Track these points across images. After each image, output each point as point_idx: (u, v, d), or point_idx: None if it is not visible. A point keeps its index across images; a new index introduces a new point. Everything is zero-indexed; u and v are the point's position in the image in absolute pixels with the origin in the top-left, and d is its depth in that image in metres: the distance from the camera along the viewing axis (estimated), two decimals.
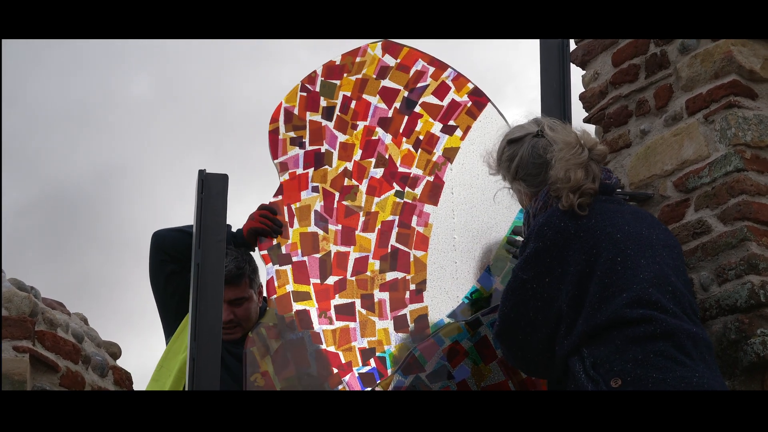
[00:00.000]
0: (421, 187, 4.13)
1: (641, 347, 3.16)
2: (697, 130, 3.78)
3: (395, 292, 4.03)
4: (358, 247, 4.06)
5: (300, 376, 3.92)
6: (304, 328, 3.96)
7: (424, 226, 4.09)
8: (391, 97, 4.17)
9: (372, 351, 3.97)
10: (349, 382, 3.93)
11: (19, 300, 3.25)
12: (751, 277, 3.55)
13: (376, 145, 4.14)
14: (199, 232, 3.80)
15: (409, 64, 4.20)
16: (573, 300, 3.28)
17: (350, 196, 4.09)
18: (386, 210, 4.10)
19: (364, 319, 3.99)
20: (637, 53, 4.01)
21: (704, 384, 3.13)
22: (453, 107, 4.18)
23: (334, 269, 4.02)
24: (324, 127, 4.12)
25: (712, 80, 3.76)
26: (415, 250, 4.08)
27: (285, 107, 4.11)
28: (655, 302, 3.21)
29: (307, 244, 4.02)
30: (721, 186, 3.67)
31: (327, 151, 4.10)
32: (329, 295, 3.99)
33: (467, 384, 3.88)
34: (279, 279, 3.97)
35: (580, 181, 3.39)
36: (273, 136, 4.09)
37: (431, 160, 4.14)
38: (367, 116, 4.15)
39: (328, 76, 4.16)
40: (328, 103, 4.14)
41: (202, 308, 3.73)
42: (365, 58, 4.19)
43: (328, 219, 4.06)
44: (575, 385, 3.23)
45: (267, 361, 3.90)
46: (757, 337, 3.49)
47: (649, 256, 3.30)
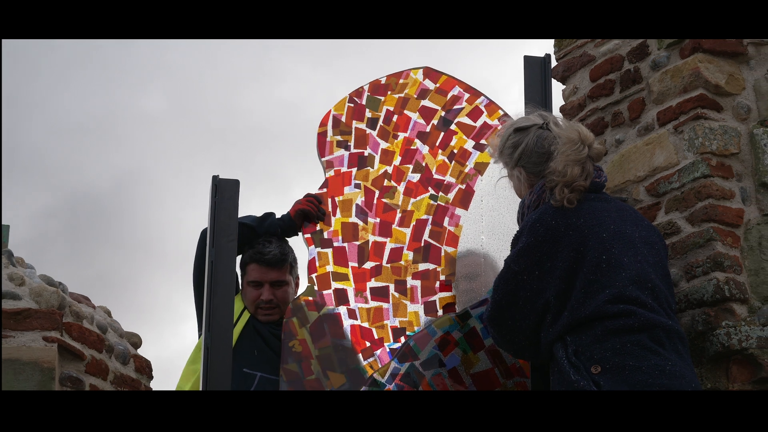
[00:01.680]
0: (453, 192, 4.21)
1: (620, 338, 3.16)
2: (667, 139, 3.77)
3: (426, 281, 4.10)
4: (394, 239, 4.14)
5: (335, 347, 3.97)
6: (340, 304, 4.02)
7: (455, 226, 4.17)
8: (429, 115, 4.27)
9: (402, 330, 4.04)
10: (380, 355, 3.99)
11: (48, 294, 3.23)
12: (716, 273, 3.54)
13: (414, 154, 4.24)
14: (212, 232, 3.81)
15: (447, 89, 4.30)
16: (560, 293, 3.27)
17: (389, 195, 4.17)
18: (421, 210, 4.18)
19: (397, 302, 4.06)
20: (612, 69, 4.01)
21: (676, 372, 3.14)
22: (485, 128, 4.25)
23: (371, 256, 4.10)
24: (368, 135, 4.23)
25: (681, 94, 3.75)
26: (446, 246, 4.16)
27: (334, 114, 4.23)
28: (635, 299, 3.21)
29: (348, 233, 4.11)
30: (689, 191, 3.66)
31: (370, 155, 4.20)
32: (366, 278, 4.08)
33: (457, 371, 3.86)
34: (320, 260, 4.05)
35: (575, 177, 3.38)
36: (321, 138, 4.21)
37: (463, 171, 4.22)
38: (408, 129, 4.26)
39: (374, 92, 4.28)
40: (373, 114, 4.25)
41: (216, 302, 3.73)
42: (408, 81, 4.31)
43: (368, 212, 4.14)
44: (558, 370, 3.23)
45: (305, 330, 3.95)
46: (722, 328, 3.49)
47: (632, 255, 3.28)
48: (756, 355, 3.44)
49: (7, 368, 3.11)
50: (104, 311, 3.56)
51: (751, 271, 3.57)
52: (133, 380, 3.58)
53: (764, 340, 3.45)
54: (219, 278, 3.74)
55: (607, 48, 4.04)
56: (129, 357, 3.55)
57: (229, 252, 3.78)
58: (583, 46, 4.13)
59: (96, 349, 3.36)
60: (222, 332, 3.70)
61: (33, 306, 3.20)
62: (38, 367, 3.14)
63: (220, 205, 3.82)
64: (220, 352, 3.67)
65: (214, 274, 3.74)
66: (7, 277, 3.23)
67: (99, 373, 3.38)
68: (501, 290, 3.38)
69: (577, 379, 3.14)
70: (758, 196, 3.66)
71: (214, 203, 3.82)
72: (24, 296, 3.22)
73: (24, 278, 3.26)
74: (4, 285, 3.21)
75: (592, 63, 4.09)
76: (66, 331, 3.24)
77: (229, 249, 3.78)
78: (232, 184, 3.87)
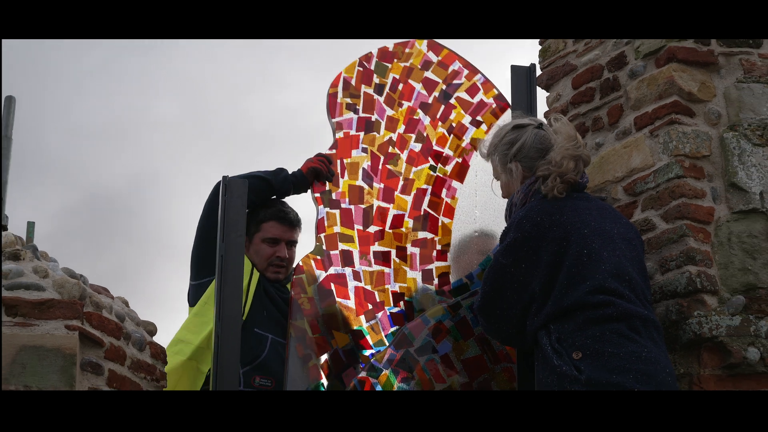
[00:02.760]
0: (451, 165, 4.15)
1: (599, 326, 3.17)
2: (643, 143, 3.77)
3: (424, 249, 4.05)
4: (396, 206, 4.07)
5: (341, 306, 3.91)
6: (346, 266, 3.95)
7: (451, 198, 4.12)
8: (431, 87, 4.20)
9: (401, 295, 3.98)
10: (381, 318, 3.94)
11: (70, 286, 3.22)
12: (689, 267, 3.55)
13: (417, 124, 4.16)
14: (222, 228, 3.78)
15: (448, 63, 4.23)
16: (544, 285, 3.28)
17: (393, 162, 4.11)
18: (421, 179, 4.12)
19: (398, 267, 4.01)
20: (592, 78, 4.01)
21: (651, 357, 3.15)
22: (481, 105, 4.20)
23: (375, 220, 4.03)
24: (375, 100, 4.15)
25: (657, 101, 3.75)
26: (443, 216, 4.10)
27: (344, 76, 4.14)
28: (614, 290, 3.22)
29: (354, 195, 4.03)
30: (664, 190, 3.66)
31: (376, 120, 4.13)
32: (370, 242, 4.00)
33: (449, 357, 3.87)
34: (329, 220, 3.97)
35: (569, 170, 3.40)
36: (332, 99, 4.11)
37: (461, 145, 4.17)
38: (411, 98, 4.18)
39: (381, 59, 4.20)
40: (380, 80, 4.17)
41: (226, 292, 3.70)
42: (413, 51, 4.23)
43: (373, 177, 4.07)
44: (542, 356, 3.24)
45: (313, 288, 3.88)
46: (694, 318, 3.49)
47: (611, 250, 3.29)
48: (725, 342, 3.45)
49: (31, 354, 3.10)
50: (122, 301, 3.56)
51: (721, 264, 3.57)
52: (149, 365, 3.57)
53: (733, 329, 3.46)
54: (229, 271, 3.71)
55: (587, 58, 4.04)
56: (145, 344, 3.54)
57: (237, 246, 3.75)
58: (565, 56, 4.13)
59: (114, 337, 3.35)
60: (232, 322, 3.67)
61: (56, 297, 3.19)
62: (61, 354, 3.13)
63: (230, 203, 3.79)
64: (229, 341, 3.65)
65: (224, 268, 3.71)
66: (32, 270, 3.23)
67: (117, 358, 3.37)
68: (490, 282, 3.40)
69: (560, 364, 3.15)
70: (728, 196, 3.66)
71: (224, 201, 3.80)
72: (48, 288, 3.21)
73: (48, 271, 3.26)
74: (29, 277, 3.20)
75: (574, 72, 4.08)
76: (86, 320, 3.23)
77: (237, 244, 3.75)
78: (240, 183, 3.84)
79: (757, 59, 3.81)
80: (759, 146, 3.71)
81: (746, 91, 3.77)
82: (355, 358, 3.86)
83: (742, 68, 3.80)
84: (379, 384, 3.83)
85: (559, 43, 4.18)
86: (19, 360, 3.08)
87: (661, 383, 3.12)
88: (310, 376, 3.78)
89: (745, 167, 3.67)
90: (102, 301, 3.33)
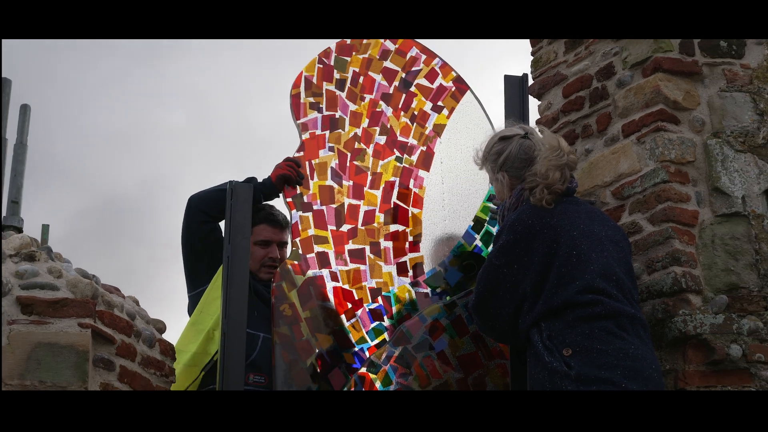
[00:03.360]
0: (416, 155, 4.08)
1: (588, 324, 3.16)
2: (630, 149, 3.76)
3: (397, 242, 3.99)
4: (366, 201, 4.00)
5: (322, 308, 3.87)
6: (323, 267, 3.89)
7: (419, 188, 4.05)
8: (391, 77, 4.12)
9: (379, 290, 3.93)
10: (361, 316, 3.89)
11: (83, 285, 3.22)
12: (674, 268, 3.54)
13: (380, 117, 4.08)
14: (228, 230, 3.77)
15: (406, 50, 4.15)
16: (535, 284, 3.27)
17: (360, 158, 4.03)
18: (389, 172, 4.04)
19: (373, 263, 3.94)
20: (582, 87, 4.00)
21: (638, 354, 3.15)
22: (441, 90, 4.13)
23: (347, 219, 3.96)
24: (338, 96, 4.05)
25: (643, 109, 3.75)
26: (412, 207, 4.04)
27: (305, 76, 4.04)
28: (602, 289, 3.21)
29: (325, 196, 3.96)
30: (651, 194, 3.66)
31: (340, 117, 4.04)
32: (344, 241, 3.93)
33: (445, 354, 3.87)
34: (302, 224, 3.90)
35: (555, 181, 3.39)
36: (295, 100, 4.01)
37: (424, 133, 4.10)
38: (373, 91, 4.10)
39: (340, 53, 4.10)
40: (341, 76, 4.08)
41: (232, 293, 3.70)
42: (370, 42, 4.13)
43: (342, 175, 3.99)
44: (534, 352, 3.23)
45: (293, 294, 3.84)
46: (680, 316, 3.49)
47: (599, 251, 3.28)
48: (709, 339, 3.45)
49: (46, 351, 3.10)
50: (133, 300, 3.56)
51: (705, 265, 3.57)
52: (158, 361, 3.56)
53: (716, 327, 3.46)
54: (235, 271, 3.70)
55: (577, 68, 4.03)
56: (155, 341, 3.53)
57: (243, 248, 3.74)
58: (556, 66, 4.12)
59: (125, 334, 3.35)
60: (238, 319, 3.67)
61: (69, 296, 3.19)
62: (74, 350, 3.12)
63: (236, 207, 3.78)
64: (235, 337, 3.65)
65: (230, 268, 3.70)
66: (47, 270, 3.23)
67: (128, 355, 3.36)
68: (484, 282, 3.39)
69: (551, 360, 3.15)
70: (711, 200, 3.66)
71: (230, 205, 3.79)
72: (61, 287, 3.21)
73: (62, 271, 3.26)
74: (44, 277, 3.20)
75: (565, 81, 4.07)
76: (99, 318, 3.23)
77: (243, 246, 3.74)
78: (246, 188, 3.83)
79: (739, 69, 3.80)
80: (741, 152, 3.71)
81: (729, 99, 3.77)
82: (339, 358, 3.82)
83: (725, 78, 3.79)
84: (378, 380, 3.83)
85: (550, 53, 4.18)
86: (34, 356, 3.09)
87: (648, 379, 3.12)
88: (296, 380, 3.74)
89: (728, 172, 3.67)
90: (113, 300, 3.33)
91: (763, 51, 3.84)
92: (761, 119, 3.76)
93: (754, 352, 3.47)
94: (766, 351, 3.49)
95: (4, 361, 3.07)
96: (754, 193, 3.68)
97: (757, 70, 3.82)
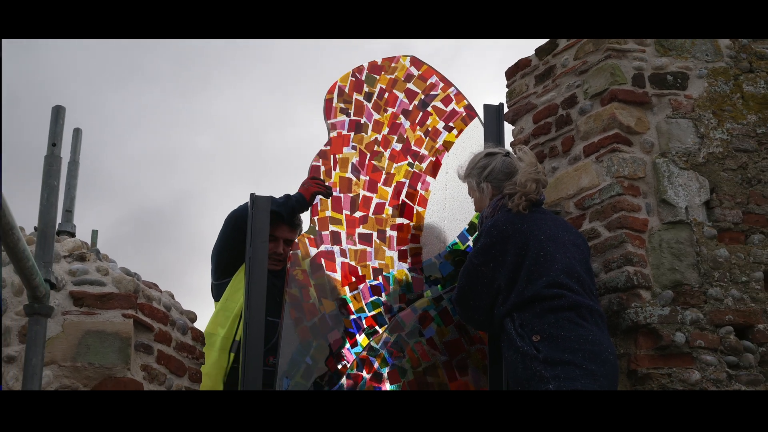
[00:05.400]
0: (426, 163, 4.09)
1: (554, 314, 3.17)
2: (590, 167, 3.77)
3: (401, 233, 3.98)
4: (378, 195, 4.00)
5: (328, 279, 3.85)
6: (335, 244, 3.89)
7: (425, 191, 4.06)
8: (412, 96, 4.14)
9: (380, 270, 3.92)
10: (362, 289, 3.88)
11: (126, 282, 3.23)
12: (627, 267, 3.55)
13: (399, 128, 4.09)
14: (250, 234, 3.77)
15: (427, 77, 4.17)
16: (509, 280, 3.27)
17: (377, 158, 4.03)
18: (401, 174, 4.05)
19: (378, 247, 3.94)
20: (550, 114, 4.00)
21: (596, 340, 3.15)
22: (453, 114, 4.15)
23: (360, 207, 3.96)
24: (365, 106, 4.07)
25: (602, 133, 3.75)
26: (417, 206, 4.04)
27: (339, 85, 4.06)
28: (565, 284, 3.21)
29: (344, 185, 3.96)
30: (607, 205, 3.66)
31: (365, 123, 4.05)
32: (355, 224, 3.94)
33: (433, 340, 3.87)
34: (321, 206, 3.91)
35: (531, 191, 3.40)
36: (329, 104, 4.03)
37: (434, 146, 4.11)
38: (395, 105, 4.11)
39: (371, 71, 4.13)
40: (370, 89, 4.09)
41: (253, 286, 3.70)
42: (398, 65, 4.16)
43: (360, 171, 4.00)
44: (508, 338, 3.23)
45: (306, 262, 3.84)
46: (632, 308, 3.50)
47: (563, 252, 3.29)
48: (657, 328, 3.46)
49: (94, 337, 3.10)
50: (169, 294, 3.57)
51: (654, 265, 3.58)
52: (190, 346, 3.57)
53: (663, 317, 3.47)
54: (255, 268, 3.70)
55: (545, 98, 4.03)
56: (187, 329, 3.55)
57: (262, 250, 3.74)
58: (527, 96, 4.12)
59: (162, 323, 3.36)
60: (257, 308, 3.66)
61: (115, 291, 3.20)
62: (118, 337, 3.13)
63: (256, 216, 3.78)
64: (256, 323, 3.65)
65: (252, 266, 3.70)
66: (95, 269, 3.24)
67: (165, 341, 3.37)
68: (464, 279, 3.40)
69: (522, 345, 3.15)
70: (659, 210, 3.66)
71: (251, 214, 3.79)
72: (108, 283, 3.22)
73: (108, 270, 3.27)
74: (93, 275, 3.21)
75: (535, 109, 4.08)
76: (140, 309, 3.24)
77: (262, 248, 3.74)
78: (265, 199, 3.83)
79: (683, 99, 3.81)
80: (684, 170, 3.72)
81: (674, 125, 3.77)
82: (339, 321, 3.81)
83: (671, 106, 3.80)
84: (377, 361, 3.84)
85: (523, 85, 4.19)
86: (84, 342, 3.10)
87: (605, 361, 3.12)
88: (300, 336, 3.72)
89: (673, 186, 3.68)
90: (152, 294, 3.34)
91: (704, 84, 3.86)
92: (701, 141, 3.77)
93: (696, 339, 3.48)
94: (705, 338, 3.50)
95: (59, 346, 3.08)
96: (696, 204, 3.68)
97: (698, 100, 3.83)
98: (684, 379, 3.42)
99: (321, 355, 3.72)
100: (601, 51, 3.82)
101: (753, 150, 3.80)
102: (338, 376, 3.75)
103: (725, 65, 3.90)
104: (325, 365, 3.72)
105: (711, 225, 3.66)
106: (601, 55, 3.82)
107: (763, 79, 3.92)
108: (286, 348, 3.67)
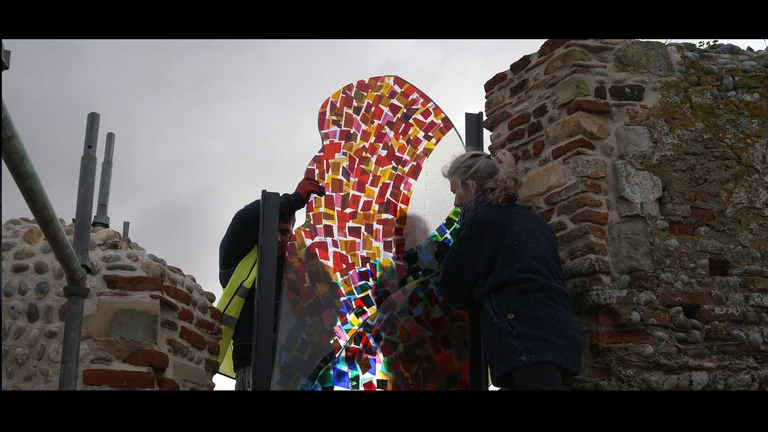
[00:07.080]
0: (408, 167, 4.09)
1: (526, 296, 3.16)
2: (558, 167, 3.77)
3: (386, 226, 3.98)
4: (366, 194, 4.00)
5: (322, 266, 3.84)
6: (327, 236, 3.89)
7: (408, 190, 4.06)
8: (395, 110, 4.14)
9: (368, 258, 3.92)
10: (352, 275, 3.87)
11: (153, 267, 3.23)
12: (590, 255, 3.55)
13: (384, 137, 4.10)
14: (261, 226, 3.77)
15: (409, 94, 4.18)
16: (487, 266, 3.27)
17: (365, 163, 4.03)
18: (386, 176, 4.05)
19: (366, 238, 3.94)
20: (523, 122, 3.99)
21: (563, 317, 3.15)
22: (432, 125, 4.15)
23: (350, 204, 3.96)
24: (354, 118, 4.07)
25: (568, 138, 3.75)
26: (401, 203, 4.04)
27: (331, 100, 4.07)
28: (536, 270, 3.21)
29: (336, 186, 3.96)
30: (573, 201, 3.66)
31: (354, 133, 4.05)
32: (346, 219, 3.93)
33: (421, 318, 3.87)
34: (315, 203, 3.92)
35: (510, 187, 3.42)
36: (322, 116, 4.03)
37: (416, 152, 4.11)
38: (381, 118, 4.12)
39: (360, 89, 4.13)
40: (358, 104, 4.10)
41: (264, 270, 3.69)
42: (383, 83, 4.17)
43: (350, 173, 4.00)
44: (485, 316, 3.23)
45: (302, 251, 3.83)
46: (594, 291, 3.49)
47: (534, 242, 3.29)
48: (616, 308, 3.46)
49: (125, 315, 3.10)
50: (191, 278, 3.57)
51: (613, 253, 3.58)
52: (209, 323, 3.58)
53: (621, 299, 3.47)
54: (266, 256, 3.70)
55: (519, 108, 4.02)
56: (207, 308, 3.55)
57: (272, 239, 3.73)
58: (503, 106, 4.11)
59: (185, 303, 3.36)
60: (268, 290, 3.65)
61: (143, 275, 3.20)
62: (147, 315, 3.13)
63: (267, 209, 3.78)
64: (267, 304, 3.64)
65: (263, 254, 3.70)
66: (126, 256, 3.24)
67: (187, 318, 3.38)
68: (448, 264, 3.39)
69: (498, 322, 3.15)
70: (618, 205, 3.66)
71: (263, 208, 3.79)
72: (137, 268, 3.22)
73: (137, 256, 3.27)
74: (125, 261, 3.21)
75: (510, 118, 4.07)
76: (165, 291, 3.25)
77: (272, 237, 3.73)
78: (275, 195, 3.83)
79: (639, 109, 3.81)
80: (640, 170, 3.72)
81: (631, 131, 3.77)
82: (331, 302, 3.81)
83: (628, 115, 3.79)
84: (372, 336, 3.84)
85: (499, 96, 4.18)
86: (116, 319, 3.10)
87: (570, 336, 3.13)
88: (297, 315, 3.72)
89: (630, 185, 3.68)
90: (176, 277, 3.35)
91: (657, 95, 3.85)
92: (655, 146, 3.77)
93: (649, 317, 3.49)
94: (657, 316, 3.50)
95: (94, 323, 3.09)
96: (650, 200, 3.68)
97: (652, 109, 3.83)
98: (639, 352, 3.43)
99: (315, 331, 3.72)
100: (568, 66, 3.83)
101: (700, 153, 3.81)
102: (333, 351, 3.75)
103: (676, 79, 3.91)
104: (318, 340, 3.73)
105: (663, 218, 3.67)
106: (568, 70, 3.83)
107: (709, 92, 3.93)
108: (284, 324, 3.67)
